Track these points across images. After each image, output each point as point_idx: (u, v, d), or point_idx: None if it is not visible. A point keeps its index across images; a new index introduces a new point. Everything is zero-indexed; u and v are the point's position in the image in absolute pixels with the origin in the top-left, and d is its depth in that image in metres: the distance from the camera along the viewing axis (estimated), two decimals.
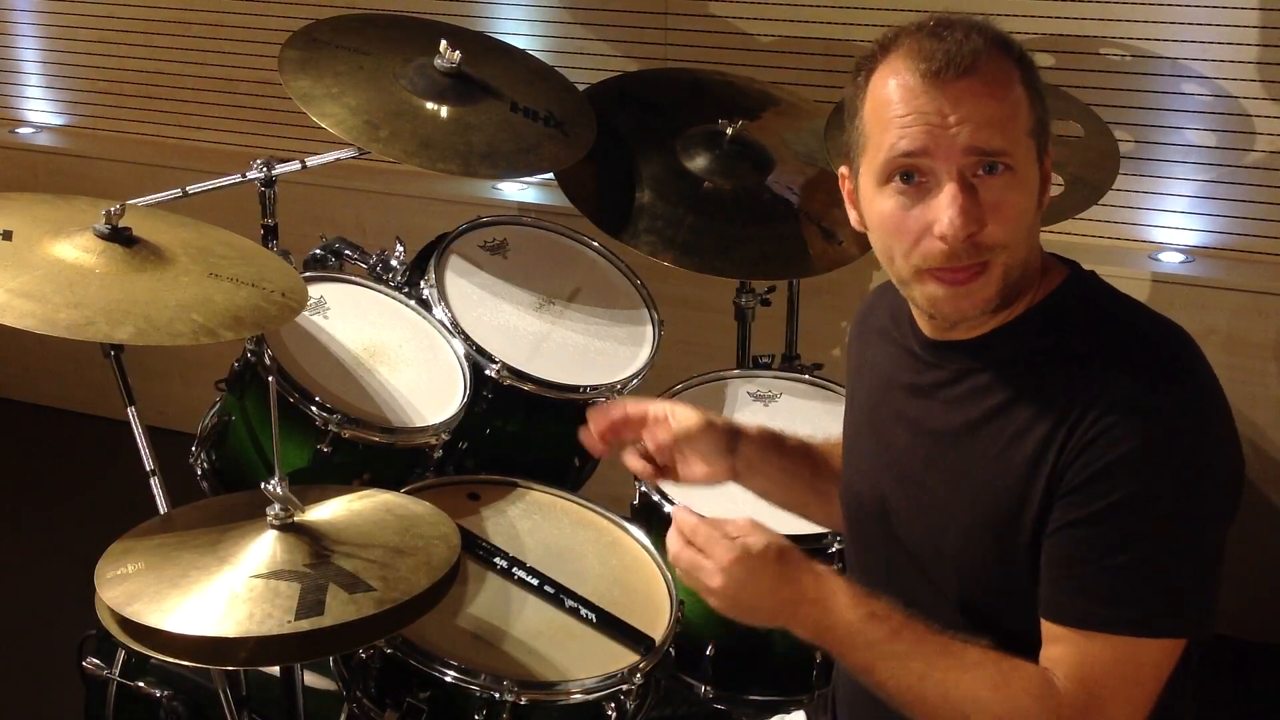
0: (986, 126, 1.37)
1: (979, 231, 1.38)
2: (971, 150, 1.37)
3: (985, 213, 1.38)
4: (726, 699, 2.21)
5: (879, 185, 1.43)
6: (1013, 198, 1.40)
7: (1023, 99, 1.41)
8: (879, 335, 1.65)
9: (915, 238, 1.41)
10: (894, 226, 1.42)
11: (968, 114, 1.37)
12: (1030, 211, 1.43)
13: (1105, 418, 1.36)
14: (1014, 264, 1.42)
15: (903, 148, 1.39)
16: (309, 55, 2.48)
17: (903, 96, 1.39)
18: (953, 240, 1.38)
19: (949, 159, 1.38)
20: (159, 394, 3.47)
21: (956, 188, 1.37)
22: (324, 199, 3.47)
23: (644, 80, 2.92)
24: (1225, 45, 2.90)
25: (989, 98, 1.38)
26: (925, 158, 1.39)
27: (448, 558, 1.79)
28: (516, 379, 2.30)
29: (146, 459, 2.08)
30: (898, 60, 1.41)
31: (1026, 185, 1.41)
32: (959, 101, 1.37)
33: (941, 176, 1.38)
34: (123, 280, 1.85)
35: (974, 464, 1.46)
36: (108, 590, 1.68)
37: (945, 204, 1.38)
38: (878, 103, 1.42)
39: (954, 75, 1.37)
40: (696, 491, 2.26)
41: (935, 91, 1.38)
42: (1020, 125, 1.40)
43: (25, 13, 3.94)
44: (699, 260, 2.46)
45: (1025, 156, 1.41)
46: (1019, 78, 1.41)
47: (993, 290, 1.42)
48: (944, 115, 1.37)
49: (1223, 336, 2.91)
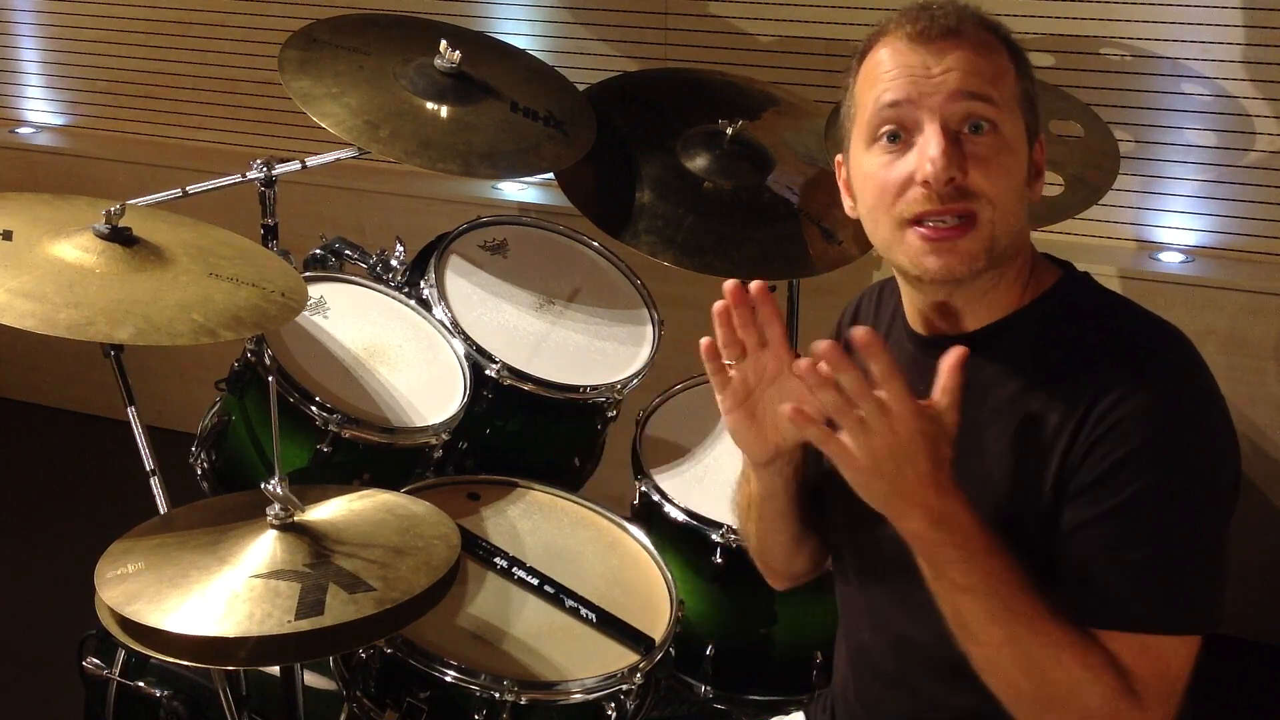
0: (973, 74, 1.40)
1: (962, 178, 1.39)
2: (957, 94, 1.39)
3: (969, 162, 1.39)
4: (726, 699, 2.22)
5: (867, 147, 1.45)
6: (999, 157, 1.41)
7: (1009, 69, 1.43)
8: None
9: (899, 189, 1.42)
10: (879, 182, 1.44)
11: (953, 64, 1.40)
12: (1018, 178, 1.42)
13: (1110, 414, 1.36)
14: (1001, 225, 1.41)
15: (887, 99, 1.42)
16: (309, 55, 2.48)
17: (890, 57, 1.43)
18: (935, 181, 1.39)
19: (932, 107, 1.40)
20: (159, 394, 3.47)
21: (939, 130, 1.39)
22: (324, 199, 3.47)
23: (644, 80, 2.92)
24: (1225, 45, 2.90)
25: (973, 55, 1.41)
26: (909, 106, 1.41)
27: (448, 558, 1.79)
28: (516, 379, 2.30)
29: (146, 459, 2.08)
30: (886, 35, 1.45)
31: (1014, 152, 1.42)
32: (943, 54, 1.41)
33: (925, 126, 1.40)
34: (123, 280, 1.85)
35: (977, 463, 1.46)
36: (108, 590, 1.68)
37: (928, 147, 1.39)
38: (868, 71, 1.46)
39: (938, 34, 1.41)
40: (696, 489, 2.27)
41: (921, 48, 1.41)
42: (1007, 89, 1.42)
43: (25, 13, 3.95)
44: (699, 260, 2.46)
45: (1013, 124, 1.42)
46: (1005, 52, 1.44)
47: (979, 246, 1.41)
48: (928, 67, 1.41)
49: (1223, 336, 2.91)
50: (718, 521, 2.17)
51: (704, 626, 2.18)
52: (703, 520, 2.19)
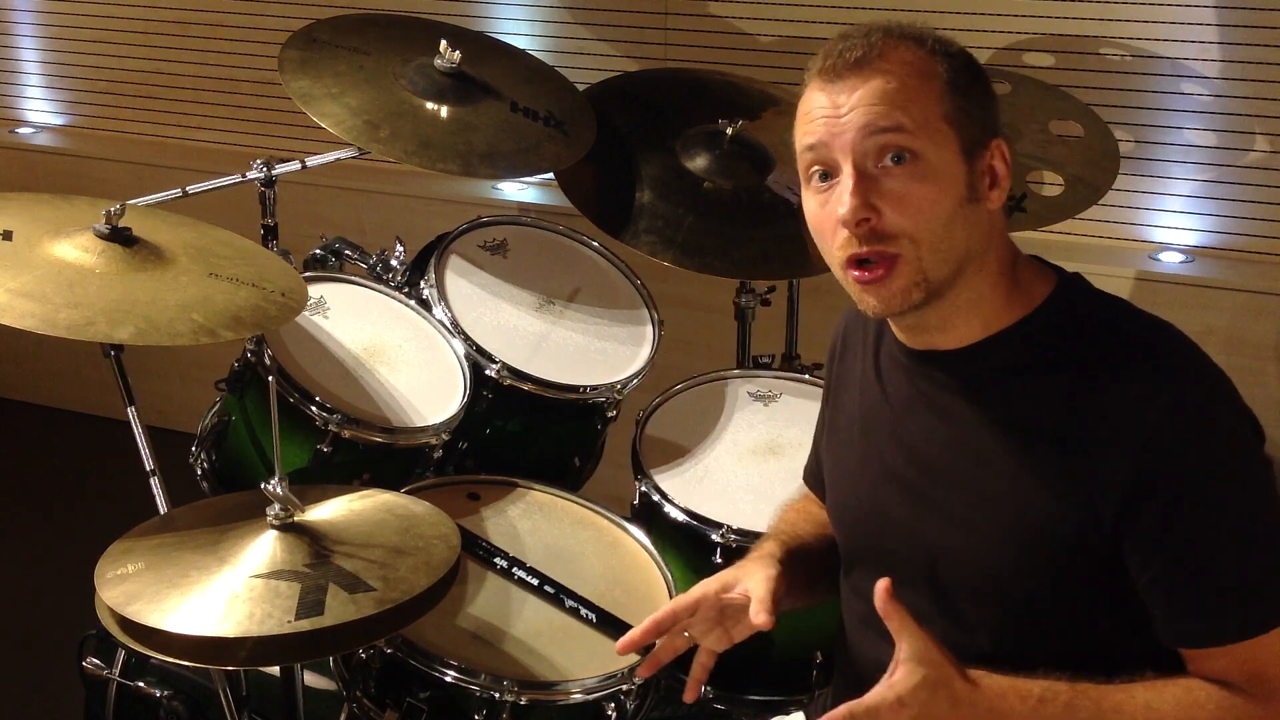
0: (877, 105, 1.39)
1: (877, 220, 1.39)
2: (863, 130, 1.39)
3: (885, 200, 1.39)
4: (726, 699, 2.21)
5: (805, 186, 1.47)
6: (917, 188, 1.39)
7: (930, 86, 1.41)
8: (863, 349, 1.64)
9: (832, 229, 1.43)
10: (817, 224, 1.45)
11: (858, 100, 1.40)
12: (944, 204, 1.40)
13: (1144, 445, 1.36)
14: (930, 257, 1.40)
15: (805, 143, 1.43)
16: (309, 55, 2.48)
17: (808, 99, 1.44)
18: (849, 227, 1.40)
19: (844, 148, 1.40)
20: (159, 394, 3.47)
21: (851, 173, 1.40)
22: (324, 199, 3.47)
23: (644, 80, 2.92)
24: (1225, 45, 2.90)
25: (881, 83, 1.40)
26: (825, 150, 1.41)
27: (448, 558, 1.79)
28: (516, 379, 2.30)
29: (146, 459, 2.08)
30: (808, 75, 1.46)
31: (938, 175, 1.40)
32: (851, 90, 1.41)
33: (842, 167, 1.41)
34: (123, 280, 1.85)
35: (985, 482, 1.45)
36: (108, 590, 1.68)
37: (840, 192, 1.40)
38: (798, 113, 1.47)
39: (843, 68, 1.41)
40: (696, 489, 2.27)
41: (830, 86, 1.42)
42: (924, 109, 1.40)
43: (25, 13, 3.95)
44: (699, 260, 2.46)
45: (936, 146, 1.40)
46: (929, 67, 1.42)
47: (907, 282, 1.41)
48: (837, 106, 1.41)
49: (1223, 336, 2.91)
50: (718, 521, 2.17)
51: None
52: (703, 520, 2.19)
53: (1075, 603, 1.44)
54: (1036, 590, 1.44)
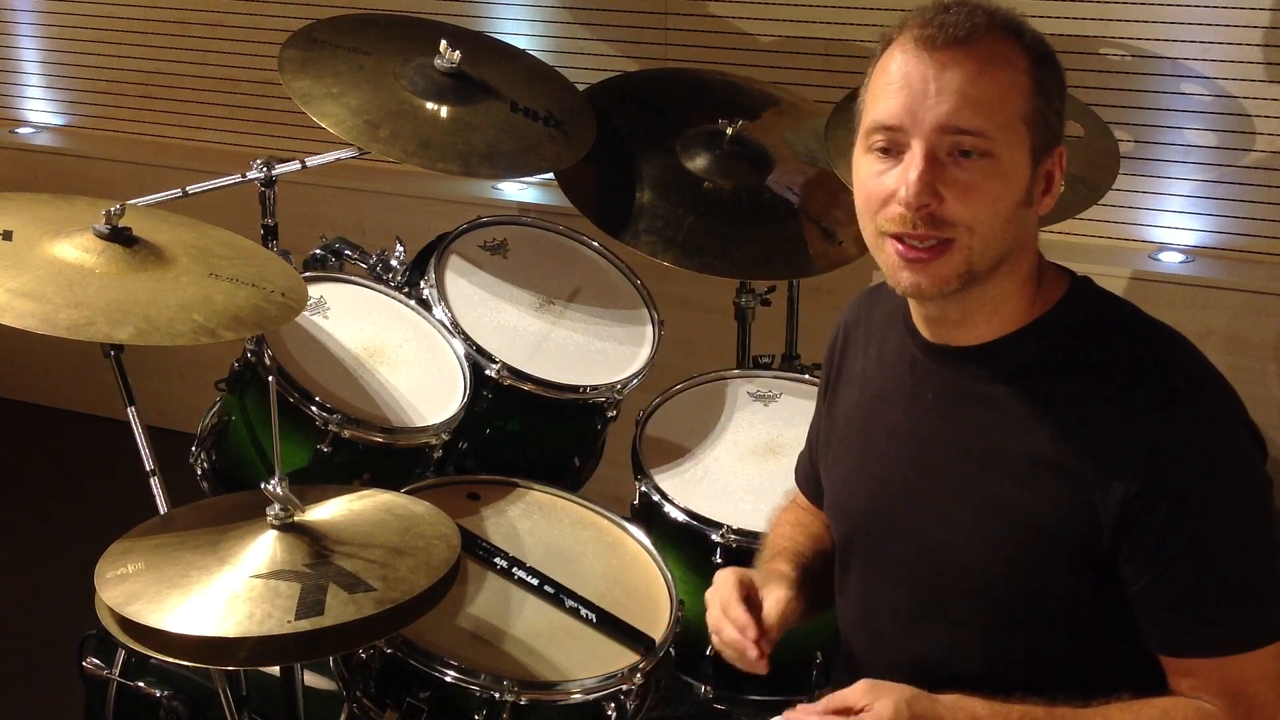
0: (967, 105, 1.37)
1: (937, 205, 1.38)
2: (944, 128, 1.38)
3: (950, 189, 1.38)
4: (726, 699, 2.21)
5: (863, 152, 1.45)
6: (985, 183, 1.39)
7: (1020, 84, 1.40)
8: (865, 347, 1.64)
9: (882, 201, 1.42)
10: (865, 191, 1.44)
11: (949, 85, 1.37)
12: (1006, 201, 1.40)
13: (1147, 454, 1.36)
14: (979, 251, 1.40)
15: (882, 118, 1.41)
16: (309, 55, 2.48)
17: (896, 66, 1.41)
18: (908, 207, 1.38)
19: (921, 132, 1.38)
20: (159, 394, 3.47)
21: (921, 157, 1.38)
22: (324, 199, 3.47)
23: (644, 80, 2.92)
24: (1225, 45, 2.90)
25: (976, 74, 1.38)
26: (900, 133, 1.40)
27: (448, 558, 1.79)
28: (516, 379, 2.30)
29: (146, 459, 2.08)
30: (900, 36, 1.43)
31: (1006, 176, 1.40)
32: (944, 68, 1.38)
33: (912, 146, 1.39)
34: (123, 280, 1.85)
35: (989, 480, 1.45)
36: (108, 590, 1.68)
37: (907, 171, 1.39)
38: (876, 76, 1.44)
39: (943, 42, 1.38)
40: (696, 489, 2.27)
41: (925, 56, 1.39)
42: (1009, 109, 1.39)
43: (25, 13, 3.95)
44: (699, 260, 2.46)
45: (1010, 146, 1.40)
46: (1023, 64, 1.41)
47: (952, 271, 1.41)
48: (926, 82, 1.38)
49: (1223, 336, 2.91)
50: (718, 521, 2.17)
51: (704, 626, 2.17)
52: (703, 520, 2.19)
53: (1073, 607, 1.44)
54: (1035, 593, 1.44)
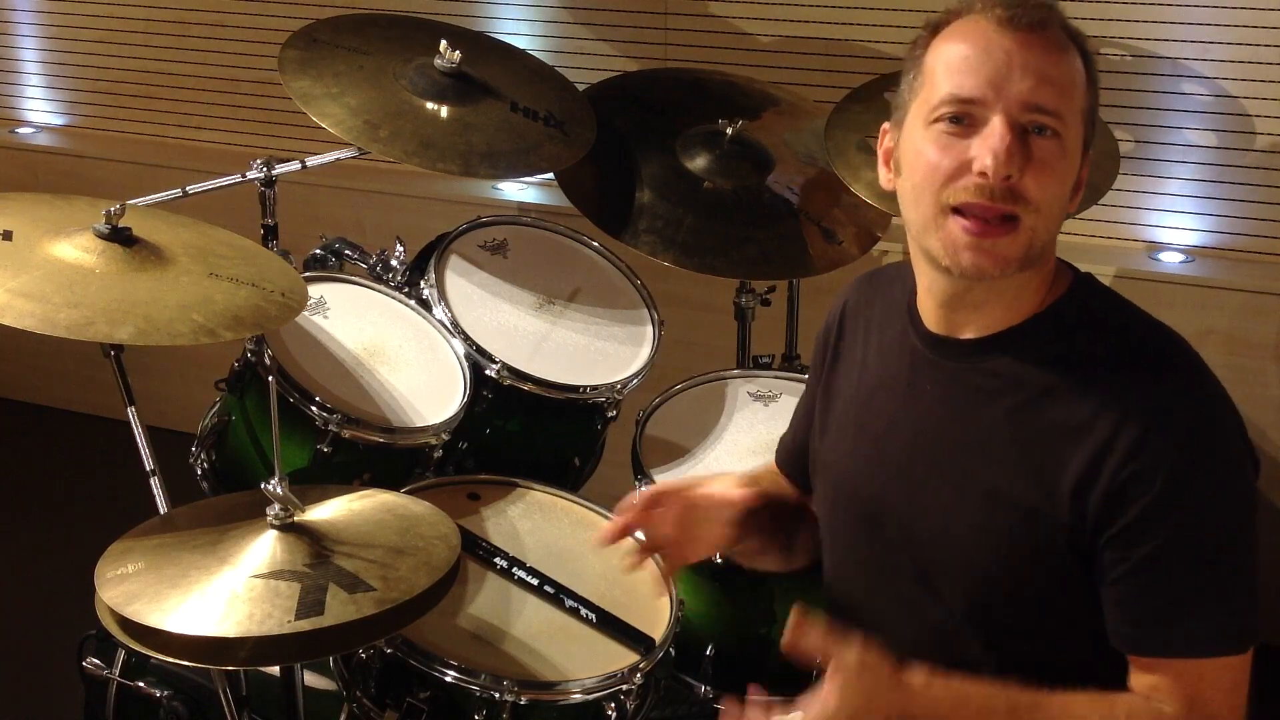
0: (1048, 84, 1.38)
1: (1018, 178, 1.38)
2: (1028, 104, 1.38)
3: (1029, 165, 1.38)
4: (726, 699, 2.21)
5: (926, 125, 1.43)
6: (1056, 163, 1.40)
7: (1082, 78, 1.43)
8: (869, 332, 1.63)
9: (951, 173, 1.40)
10: (933, 163, 1.42)
11: (1032, 63, 1.38)
12: (1067, 186, 1.43)
13: (1133, 459, 1.37)
14: (1041, 232, 1.41)
15: (963, 91, 1.39)
16: (309, 55, 2.48)
17: (973, 39, 1.41)
18: (994, 175, 1.37)
19: (1005, 105, 1.38)
20: (159, 394, 3.46)
21: (1006, 127, 1.38)
22: (324, 199, 3.47)
23: (644, 80, 2.92)
24: (1225, 45, 2.90)
25: (1057, 57, 1.40)
26: (980, 106, 1.39)
27: (448, 558, 1.79)
28: (516, 379, 2.30)
29: (146, 459, 2.08)
30: (972, 13, 1.43)
31: (1070, 160, 1.42)
32: (1027, 47, 1.39)
33: (992, 119, 1.38)
34: (123, 280, 1.85)
35: (985, 470, 1.46)
36: (108, 590, 1.68)
37: (993, 140, 1.38)
38: (946, 50, 1.43)
39: (1027, 24, 1.39)
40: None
41: (1008, 34, 1.39)
42: (1076, 98, 1.41)
43: (25, 13, 3.95)
44: (699, 260, 2.46)
45: (1074, 133, 1.42)
46: (1081, 61, 1.43)
47: (1017, 251, 1.40)
48: (1010, 58, 1.38)
49: (1223, 336, 2.91)
50: None
51: (704, 626, 2.18)
52: None
53: (1062, 599, 1.44)
54: (1025, 584, 1.45)
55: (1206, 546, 1.37)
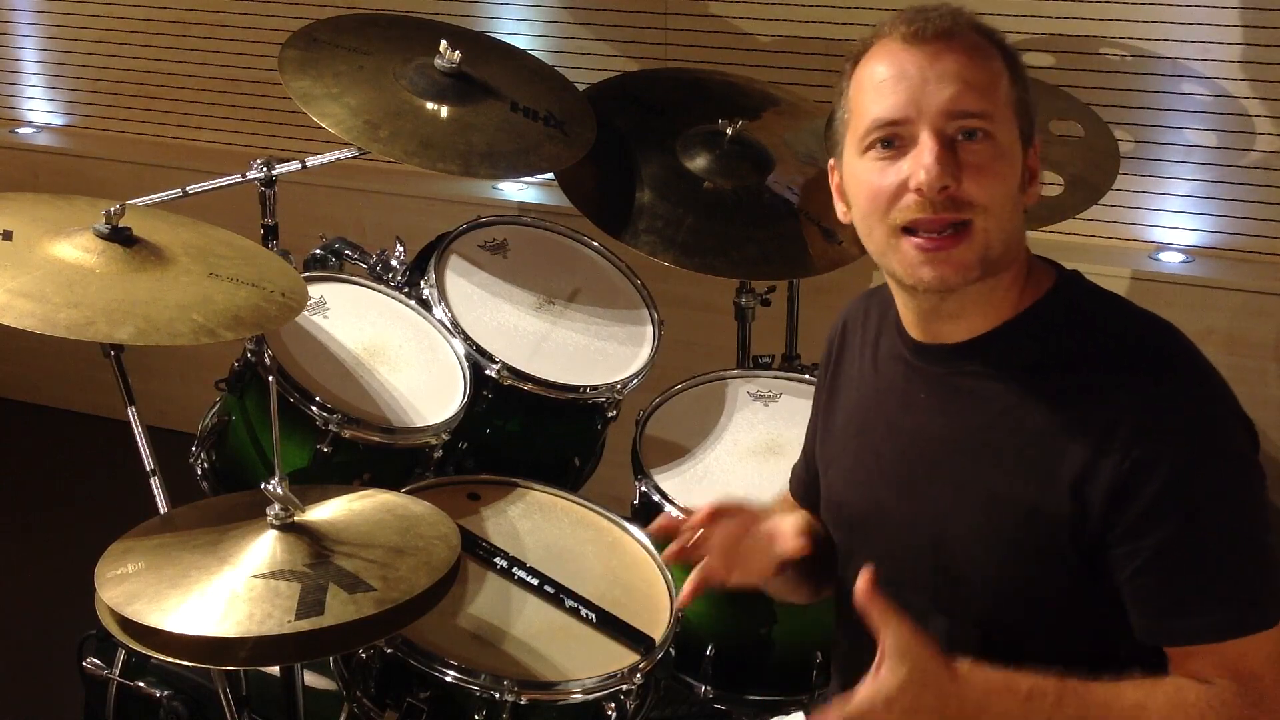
0: (966, 89, 1.40)
1: (955, 187, 1.39)
2: (950, 113, 1.40)
3: (963, 171, 1.40)
4: (726, 699, 2.21)
5: (860, 154, 1.45)
6: (993, 164, 1.41)
7: (1003, 73, 1.44)
8: (861, 348, 1.64)
9: (892, 196, 1.42)
10: (873, 190, 1.44)
11: (946, 71, 1.40)
12: (1011, 184, 1.43)
13: (1134, 449, 1.37)
14: (995, 232, 1.42)
15: (885, 114, 1.42)
16: (309, 55, 2.48)
17: (886, 62, 1.43)
18: (928, 190, 1.39)
19: (928, 119, 1.40)
20: (159, 394, 3.46)
21: (933, 140, 1.39)
22: (324, 199, 3.46)
23: (644, 80, 2.92)
24: (1225, 45, 2.90)
25: (968, 60, 1.41)
26: (905, 125, 1.41)
27: (448, 558, 1.79)
28: (516, 379, 2.30)
29: (146, 459, 2.08)
30: (881, 39, 1.45)
31: (1008, 157, 1.42)
32: (938, 58, 1.41)
33: (920, 135, 1.40)
34: (123, 280, 1.85)
35: (983, 472, 1.46)
36: (108, 590, 1.68)
37: (922, 155, 1.39)
38: (863, 77, 1.46)
39: (933, 35, 1.41)
40: (696, 489, 2.27)
41: (916, 49, 1.42)
42: (1001, 96, 1.42)
43: (25, 13, 3.95)
44: (699, 260, 2.46)
45: (1007, 129, 1.42)
46: (999, 56, 1.44)
47: (973, 255, 1.41)
48: (923, 71, 1.41)
49: (1223, 336, 2.91)
50: None
51: (704, 626, 2.18)
52: None
53: (1070, 597, 1.44)
54: (1030, 584, 1.45)
55: (1219, 529, 1.37)
